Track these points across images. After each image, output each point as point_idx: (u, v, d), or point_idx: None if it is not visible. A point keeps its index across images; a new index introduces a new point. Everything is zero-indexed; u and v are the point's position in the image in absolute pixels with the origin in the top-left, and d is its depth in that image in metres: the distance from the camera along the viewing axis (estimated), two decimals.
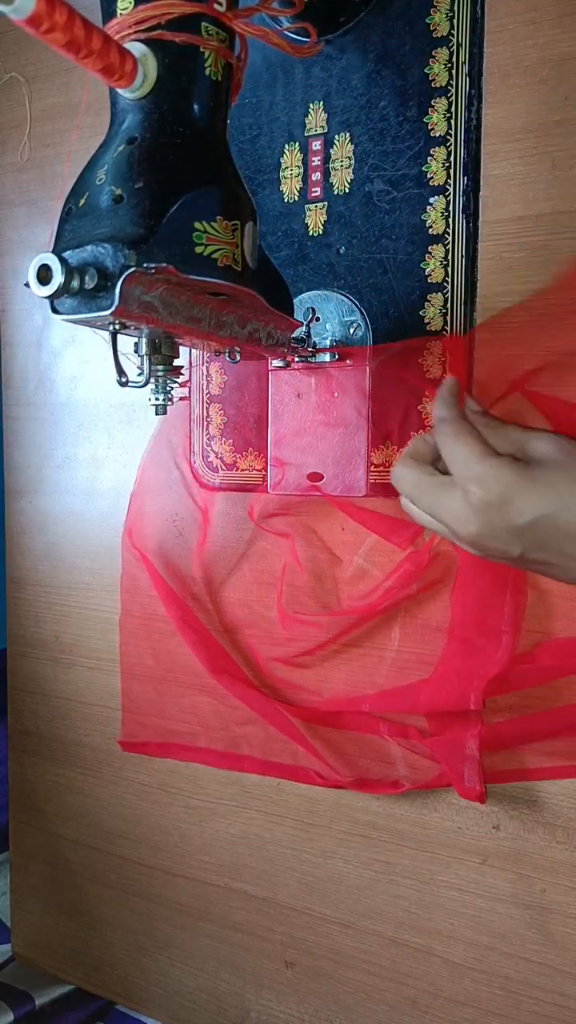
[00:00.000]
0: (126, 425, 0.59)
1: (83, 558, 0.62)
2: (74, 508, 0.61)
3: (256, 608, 0.54)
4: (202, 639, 0.55)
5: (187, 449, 0.55)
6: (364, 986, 0.53)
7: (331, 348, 0.48)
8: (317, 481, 0.50)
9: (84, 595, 0.62)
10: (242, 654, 0.55)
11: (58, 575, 0.63)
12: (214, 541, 0.55)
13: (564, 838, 0.46)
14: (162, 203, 0.30)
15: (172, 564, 0.57)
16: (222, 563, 0.55)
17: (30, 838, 0.68)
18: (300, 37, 0.46)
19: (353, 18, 0.45)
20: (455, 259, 0.45)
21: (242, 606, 0.54)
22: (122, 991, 0.65)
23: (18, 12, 0.23)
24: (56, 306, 0.31)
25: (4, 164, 0.63)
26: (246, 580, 0.54)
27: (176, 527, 0.57)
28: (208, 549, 0.55)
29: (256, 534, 0.53)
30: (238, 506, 0.54)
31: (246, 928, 0.58)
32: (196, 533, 0.56)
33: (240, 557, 0.54)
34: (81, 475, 0.61)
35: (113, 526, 0.59)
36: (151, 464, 0.57)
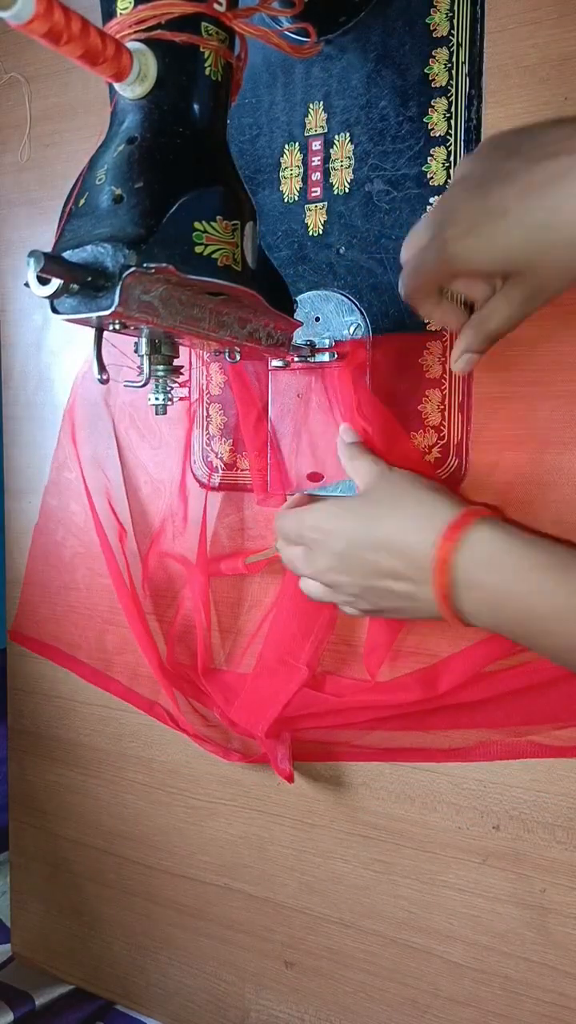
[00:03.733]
0: (126, 425, 0.59)
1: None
2: (74, 508, 0.61)
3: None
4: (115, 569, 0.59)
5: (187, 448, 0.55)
6: (364, 986, 0.53)
7: (331, 348, 0.48)
8: (316, 481, 0.50)
9: (84, 595, 0.62)
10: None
11: (58, 575, 0.63)
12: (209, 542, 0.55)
13: (564, 838, 0.46)
14: (162, 203, 0.30)
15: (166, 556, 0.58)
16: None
17: (30, 838, 0.68)
18: (300, 37, 0.46)
19: (353, 18, 0.45)
20: None
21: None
22: (122, 991, 0.65)
23: (17, 17, 0.23)
24: (56, 306, 0.31)
25: (4, 164, 0.63)
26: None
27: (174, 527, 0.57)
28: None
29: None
30: (234, 505, 0.54)
31: (246, 928, 0.58)
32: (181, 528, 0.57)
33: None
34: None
35: (113, 526, 0.59)
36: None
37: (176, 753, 0.59)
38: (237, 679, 0.54)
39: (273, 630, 0.52)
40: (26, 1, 0.23)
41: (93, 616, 0.62)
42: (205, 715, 0.57)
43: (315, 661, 0.50)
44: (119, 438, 0.59)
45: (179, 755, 0.59)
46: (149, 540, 0.58)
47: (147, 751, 0.61)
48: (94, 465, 0.60)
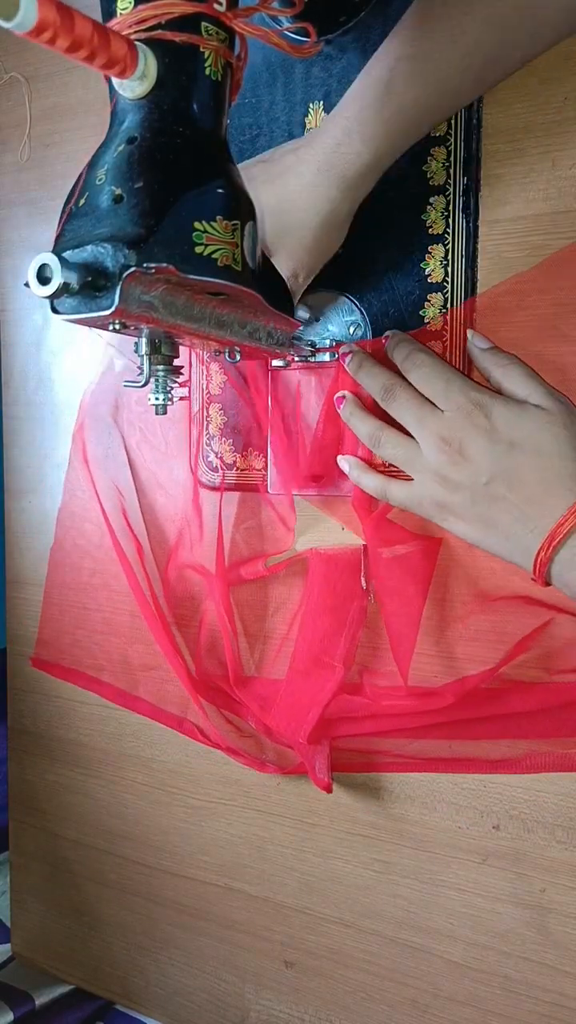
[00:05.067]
0: (126, 425, 0.59)
1: (83, 558, 0.62)
2: (74, 508, 0.61)
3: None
4: (132, 575, 0.58)
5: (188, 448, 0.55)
6: (364, 986, 0.53)
7: (331, 348, 0.48)
8: (317, 481, 0.50)
9: (84, 595, 0.62)
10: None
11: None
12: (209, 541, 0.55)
13: (564, 838, 0.46)
14: (162, 203, 0.30)
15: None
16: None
17: (30, 838, 0.68)
18: (300, 37, 0.46)
19: (353, 18, 0.45)
20: (455, 259, 0.45)
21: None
22: (122, 991, 0.65)
23: (21, 27, 0.23)
24: (56, 306, 0.31)
25: (4, 164, 0.63)
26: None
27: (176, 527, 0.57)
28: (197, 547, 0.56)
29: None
30: (251, 510, 0.54)
31: (246, 928, 0.58)
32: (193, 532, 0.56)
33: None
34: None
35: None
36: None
37: (176, 753, 0.59)
38: (270, 685, 0.53)
39: (303, 630, 0.51)
40: (29, 10, 0.23)
41: (116, 635, 0.61)
42: (239, 726, 0.56)
43: (351, 658, 0.49)
44: (130, 454, 0.58)
45: (179, 755, 0.59)
46: (167, 553, 0.57)
47: (147, 751, 0.61)
48: (107, 482, 0.59)
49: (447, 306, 0.45)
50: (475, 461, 0.39)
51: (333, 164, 0.40)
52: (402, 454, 0.42)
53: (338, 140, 0.39)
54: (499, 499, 0.39)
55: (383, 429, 0.43)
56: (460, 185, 0.44)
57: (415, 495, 0.43)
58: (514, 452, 0.39)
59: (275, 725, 0.52)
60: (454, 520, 0.42)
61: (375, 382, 0.44)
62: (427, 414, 0.41)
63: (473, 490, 0.40)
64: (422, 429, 0.41)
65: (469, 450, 0.39)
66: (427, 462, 0.41)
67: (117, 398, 0.59)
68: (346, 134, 0.39)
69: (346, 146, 0.39)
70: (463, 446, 0.40)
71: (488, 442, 0.39)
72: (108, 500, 0.59)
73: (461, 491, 0.40)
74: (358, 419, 0.45)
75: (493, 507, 0.39)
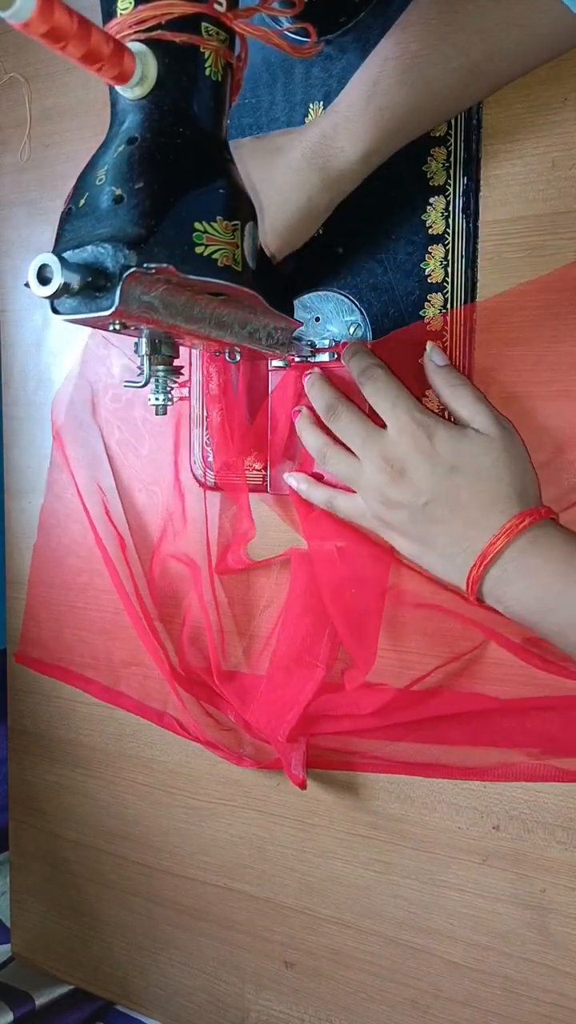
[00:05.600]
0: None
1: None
2: (74, 508, 0.61)
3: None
4: (113, 571, 0.59)
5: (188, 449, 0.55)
6: (364, 986, 0.53)
7: (331, 348, 0.48)
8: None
9: (84, 595, 0.62)
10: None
11: (58, 575, 0.63)
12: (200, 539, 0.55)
13: (564, 838, 0.46)
14: (162, 203, 0.30)
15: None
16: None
17: (30, 838, 0.68)
18: (300, 37, 0.46)
19: (353, 18, 0.45)
20: (455, 259, 0.45)
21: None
22: (122, 991, 0.65)
23: (16, 16, 0.23)
24: (56, 306, 0.31)
25: (4, 164, 0.63)
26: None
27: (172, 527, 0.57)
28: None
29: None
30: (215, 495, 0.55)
31: (246, 928, 0.58)
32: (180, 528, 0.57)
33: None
34: (81, 475, 0.61)
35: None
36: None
37: (176, 753, 0.59)
38: (254, 681, 0.54)
39: (285, 628, 0.52)
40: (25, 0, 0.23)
41: (99, 632, 0.62)
42: (218, 719, 0.56)
43: (333, 658, 0.50)
44: (109, 450, 0.59)
45: (179, 755, 0.59)
46: (150, 547, 0.58)
47: (147, 751, 0.61)
48: (89, 480, 0.60)
49: (447, 306, 0.45)
50: (415, 483, 0.40)
51: (318, 154, 0.40)
52: (345, 471, 0.44)
53: (325, 133, 0.40)
54: (437, 520, 0.40)
55: (329, 446, 0.45)
56: (460, 185, 0.44)
57: (359, 508, 0.44)
58: (453, 475, 0.40)
59: (255, 721, 0.53)
60: (395, 536, 0.43)
61: (320, 401, 0.45)
62: (370, 434, 0.42)
63: (412, 510, 0.41)
64: (365, 449, 0.42)
65: (410, 472, 0.40)
66: (369, 480, 0.42)
67: (93, 397, 0.60)
68: (333, 128, 0.40)
69: (332, 140, 0.40)
70: (404, 467, 0.41)
71: (429, 465, 0.40)
72: (90, 498, 0.60)
73: (400, 510, 0.41)
74: (308, 433, 0.46)
75: (431, 527, 0.41)
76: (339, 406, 0.44)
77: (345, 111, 0.40)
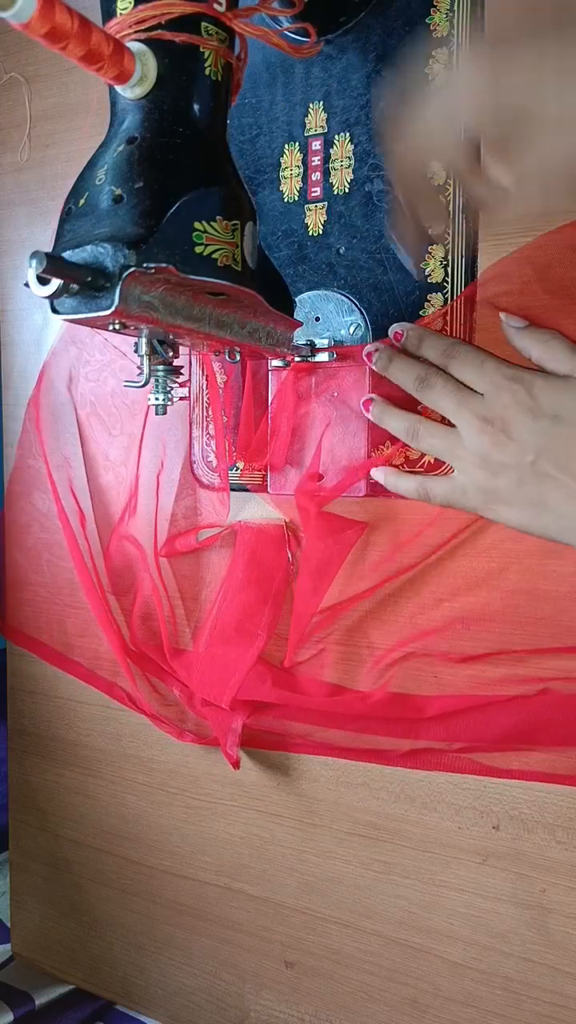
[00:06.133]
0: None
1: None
2: (74, 508, 0.62)
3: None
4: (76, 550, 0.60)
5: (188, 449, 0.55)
6: (364, 986, 0.53)
7: (331, 348, 0.48)
8: (317, 481, 0.50)
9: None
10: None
11: (58, 575, 0.63)
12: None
13: (564, 838, 0.46)
14: (162, 203, 0.30)
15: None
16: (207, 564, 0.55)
17: (30, 838, 0.68)
18: (300, 37, 0.46)
19: (353, 18, 0.45)
20: (455, 259, 0.45)
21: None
22: (122, 991, 0.65)
23: (17, 17, 0.23)
24: (56, 306, 0.31)
25: (4, 164, 0.63)
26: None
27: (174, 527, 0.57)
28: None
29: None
30: (190, 487, 0.56)
31: (246, 928, 0.58)
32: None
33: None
34: (81, 475, 0.61)
35: (110, 526, 0.60)
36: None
37: (176, 753, 0.59)
38: (200, 657, 0.55)
39: (227, 598, 0.52)
40: (26, 0, 0.23)
41: (55, 601, 0.63)
42: (164, 694, 0.58)
43: (272, 627, 0.51)
44: (81, 425, 0.60)
45: (179, 755, 0.59)
46: (109, 524, 0.60)
47: (147, 751, 0.61)
48: (58, 451, 0.61)
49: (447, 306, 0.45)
50: (519, 439, 0.38)
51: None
52: (441, 443, 0.41)
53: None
54: (547, 477, 0.38)
55: (421, 421, 0.42)
56: (460, 185, 0.44)
57: (458, 487, 0.42)
58: (560, 426, 0.37)
59: (198, 689, 0.53)
60: (501, 507, 0.40)
61: (408, 374, 0.43)
62: (466, 397, 0.40)
63: (519, 470, 0.38)
64: (461, 413, 0.40)
65: (512, 428, 0.38)
66: (469, 448, 0.40)
67: (72, 370, 0.60)
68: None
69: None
70: (506, 425, 0.38)
71: (531, 418, 0.38)
72: (57, 469, 0.61)
73: (507, 473, 0.39)
74: (391, 416, 0.44)
75: (542, 486, 0.38)
76: (431, 375, 0.41)
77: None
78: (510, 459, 0.38)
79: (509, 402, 0.38)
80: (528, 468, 0.38)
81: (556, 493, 0.38)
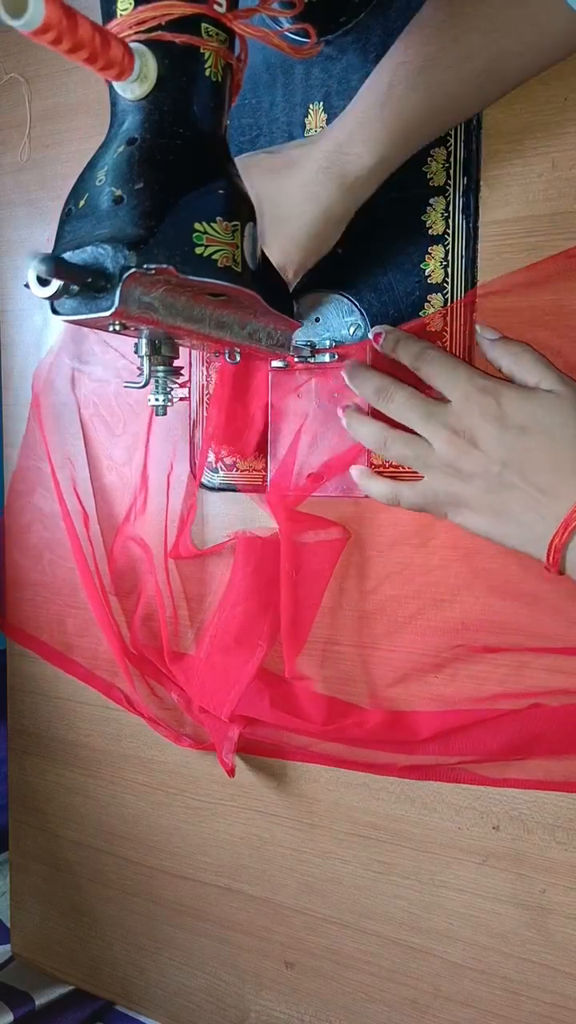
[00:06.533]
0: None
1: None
2: (74, 508, 0.62)
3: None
4: (80, 554, 0.60)
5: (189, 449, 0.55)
6: (364, 986, 0.53)
7: (331, 348, 0.48)
8: (317, 482, 0.50)
9: (84, 595, 0.62)
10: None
11: (59, 575, 0.63)
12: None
13: (564, 838, 0.46)
14: (162, 204, 0.30)
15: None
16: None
17: (30, 838, 0.68)
18: (300, 38, 0.46)
19: (353, 19, 0.45)
20: (455, 259, 0.45)
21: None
22: (122, 991, 0.65)
23: (28, 25, 0.23)
24: (56, 307, 0.31)
25: (4, 164, 0.63)
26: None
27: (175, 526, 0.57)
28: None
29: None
30: (237, 506, 0.54)
31: (246, 928, 0.58)
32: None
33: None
34: (81, 475, 0.61)
35: (113, 526, 0.60)
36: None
37: (176, 754, 0.59)
38: (201, 663, 0.55)
39: (226, 609, 0.52)
40: (37, 9, 0.23)
41: (56, 601, 0.63)
42: (162, 697, 0.58)
43: (273, 637, 0.51)
44: (84, 425, 0.60)
45: (179, 756, 0.59)
46: (113, 524, 0.60)
47: (147, 751, 0.61)
48: (61, 451, 0.61)
49: (447, 306, 0.45)
50: (486, 449, 0.39)
51: (333, 163, 0.40)
52: (411, 452, 0.42)
53: (340, 141, 0.40)
54: (512, 487, 0.39)
55: (388, 430, 0.43)
56: (460, 186, 0.44)
57: (427, 493, 0.42)
58: (526, 437, 0.38)
59: (198, 698, 0.53)
60: (468, 513, 0.41)
61: (368, 386, 0.44)
62: (432, 409, 0.41)
63: (486, 479, 0.39)
64: (429, 424, 0.41)
65: (480, 438, 0.39)
66: (437, 457, 0.40)
67: (74, 371, 0.60)
68: (348, 136, 0.40)
69: (347, 147, 0.40)
70: (473, 435, 0.39)
71: (499, 428, 0.38)
72: (61, 470, 0.61)
73: (474, 481, 0.40)
74: (361, 424, 0.45)
75: (506, 495, 0.39)
76: (390, 387, 0.42)
77: (359, 117, 0.39)
78: (477, 468, 0.39)
79: (477, 412, 0.39)
80: (494, 478, 0.39)
81: (520, 503, 0.39)
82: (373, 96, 0.39)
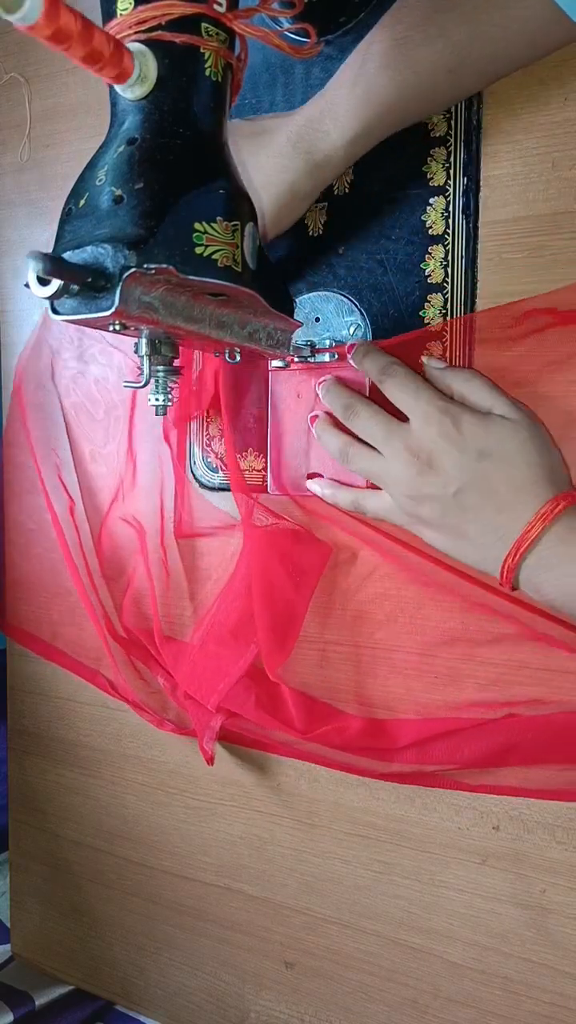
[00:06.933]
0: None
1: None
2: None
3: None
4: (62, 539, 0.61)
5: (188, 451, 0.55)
6: (364, 986, 0.53)
7: (331, 348, 0.48)
8: None
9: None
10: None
11: (58, 575, 0.63)
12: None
13: (564, 838, 0.46)
14: (162, 204, 0.30)
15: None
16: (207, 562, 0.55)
17: (30, 838, 0.68)
18: (300, 38, 0.46)
19: (353, 18, 0.45)
20: (455, 259, 0.45)
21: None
22: (122, 991, 0.65)
23: (24, 20, 0.23)
24: (56, 307, 0.31)
25: (4, 164, 0.63)
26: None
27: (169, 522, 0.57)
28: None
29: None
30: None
31: (246, 928, 0.58)
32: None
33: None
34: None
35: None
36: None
37: (176, 753, 0.59)
38: (192, 648, 0.55)
39: (226, 600, 0.52)
40: (33, 4, 0.23)
41: (41, 590, 0.64)
42: (149, 681, 0.58)
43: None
44: (66, 413, 0.60)
45: (179, 755, 0.59)
46: (99, 509, 0.60)
47: (147, 751, 0.61)
48: (43, 440, 0.61)
49: (447, 307, 0.45)
50: (444, 471, 0.40)
51: (303, 138, 0.41)
52: (371, 467, 0.43)
53: (311, 117, 0.41)
54: (468, 509, 0.40)
55: (351, 444, 0.44)
56: (460, 186, 0.44)
57: (387, 506, 0.44)
58: (483, 461, 0.39)
59: (185, 684, 0.53)
60: (426, 529, 0.42)
61: (337, 402, 0.45)
62: (393, 428, 0.42)
63: (443, 500, 0.40)
64: (389, 444, 0.42)
65: (438, 461, 0.40)
66: (397, 475, 0.41)
67: (52, 359, 0.61)
68: (319, 112, 0.41)
69: (317, 123, 0.41)
70: (432, 457, 0.40)
71: (457, 452, 0.39)
72: (43, 457, 0.61)
73: (431, 502, 0.41)
74: (327, 435, 0.46)
75: (463, 517, 0.40)
76: (356, 404, 0.43)
77: (331, 95, 0.40)
78: (435, 490, 0.40)
79: (436, 435, 0.40)
80: (451, 499, 0.40)
81: (475, 525, 0.40)
82: (346, 75, 0.40)
